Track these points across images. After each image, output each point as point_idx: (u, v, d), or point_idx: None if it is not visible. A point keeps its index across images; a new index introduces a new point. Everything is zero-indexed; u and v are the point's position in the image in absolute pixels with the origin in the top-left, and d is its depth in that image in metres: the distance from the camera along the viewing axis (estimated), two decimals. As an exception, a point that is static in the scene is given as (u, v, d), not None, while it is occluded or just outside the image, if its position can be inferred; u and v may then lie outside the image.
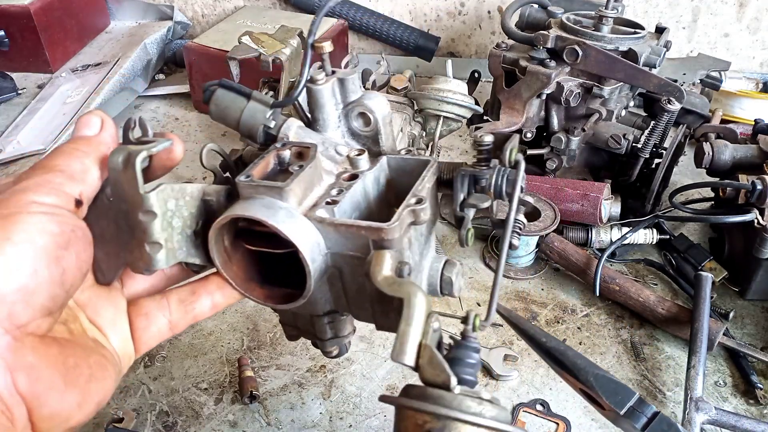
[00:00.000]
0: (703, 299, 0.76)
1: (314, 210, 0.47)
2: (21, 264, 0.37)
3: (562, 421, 0.69)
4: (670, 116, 0.91)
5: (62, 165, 0.42)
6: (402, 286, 0.44)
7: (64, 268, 0.40)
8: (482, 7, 1.42)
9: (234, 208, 0.45)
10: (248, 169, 0.47)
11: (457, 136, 1.22)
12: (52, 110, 1.17)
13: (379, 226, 0.44)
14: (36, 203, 0.39)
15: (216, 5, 1.52)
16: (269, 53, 0.89)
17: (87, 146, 0.44)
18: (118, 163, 0.42)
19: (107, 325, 0.46)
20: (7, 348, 0.36)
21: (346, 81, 0.53)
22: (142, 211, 0.43)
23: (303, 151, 0.49)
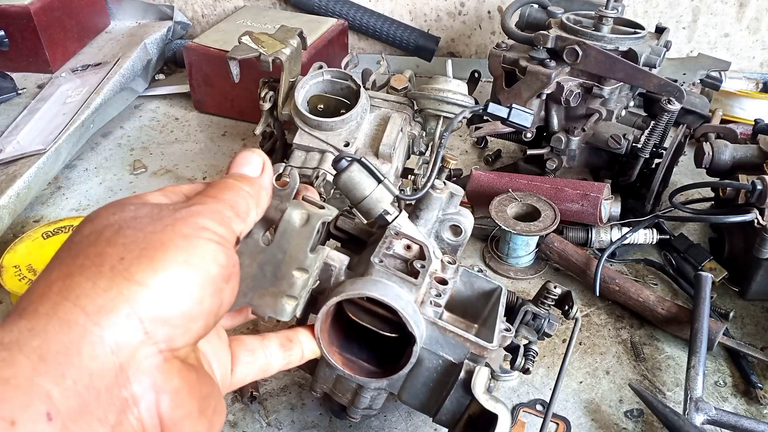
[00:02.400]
0: (703, 299, 0.76)
1: (423, 307, 0.53)
2: (192, 289, 0.37)
3: (562, 421, 0.69)
4: (670, 116, 0.91)
5: (231, 201, 0.42)
6: (497, 404, 0.51)
7: (222, 300, 0.40)
8: (482, 7, 1.42)
9: (369, 288, 0.50)
10: (377, 254, 0.53)
11: (457, 136, 1.22)
12: (52, 110, 1.17)
13: (485, 344, 0.52)
14: (209, 231, 0.39)
15: (216, 5, 1.52)
16: (269, 53, 0.89)
17: (251, 187, 0.44)
18: (296, 220, 0.45)
19: (213, 354, 0.47)
20: (157, 368, 0.36)
21: (455, 197, 0.63)
22: (299, 268, 0.46)
23: (411, 245, 0.55)
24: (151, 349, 0.35)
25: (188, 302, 0.36)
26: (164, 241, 0.36)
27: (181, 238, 0.37)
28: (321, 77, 0.92)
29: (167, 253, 0.36)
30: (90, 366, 0.32)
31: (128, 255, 0.35)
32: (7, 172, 0.99)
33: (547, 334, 0.63)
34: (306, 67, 0.96)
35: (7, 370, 0.30)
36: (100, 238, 0.37)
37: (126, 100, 1.29)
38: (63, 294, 0.34)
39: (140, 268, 0.35)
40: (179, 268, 0.36)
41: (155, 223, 0.38)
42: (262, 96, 0.92)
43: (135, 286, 0.34)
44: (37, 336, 0.32)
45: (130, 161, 1.15)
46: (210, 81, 1.26)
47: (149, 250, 0.36)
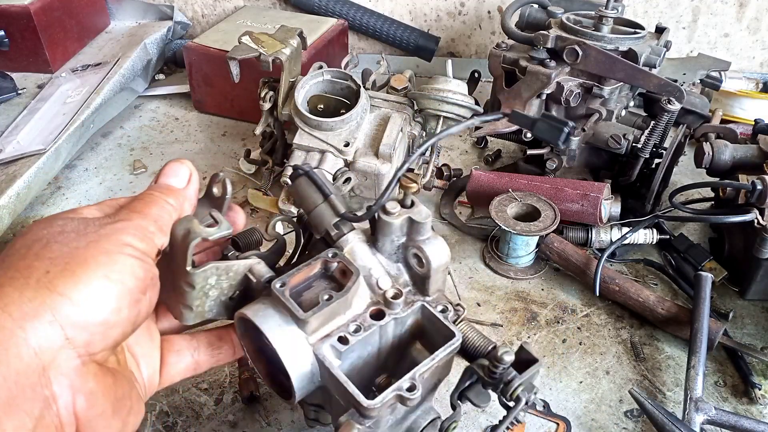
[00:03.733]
0: (703, 299, 0.76)
1: (325, 340, 0.49)
2: (110, 300, 0.41)
3: (562, 421, 0.69)
4: (670, 116, 0.91)
5: (155, 215, 0.46)
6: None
7: (139, 310, 0.44)
8: (482, 7, 1.42)
9: (250, 312, 0.49)
10: (287, 276, 0.49)
11: (457, 136, 1.22)
12: (52, 110, 1.17)
13: (362, 401, 0.45)
14: (131, 246, 0.43)
15: (216, 5, 1.52)
16: (269, 53, 0.89)
17: (175, 200, 0.49)
18: (178, 236, 0.46)
19: (142, 355, 0.51)
20: (75, 371, 0.40)
21: (417, 225, 0.52)
22: (183, 282, 0.48)
23: (347, 271, 0.50)
24: (70, 353, 0.39)
25: (106, 311, 0.41)
26: (87, 257, 0.41)
27: (103, 254, 0.41)
28: (321, 77, 0.92)
29: (88, 268, 0.40)
30: (16, 365, 0.37)
31: (53, 269, 0.40)
32: (7, 172, 0.99)
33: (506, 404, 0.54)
34: (306, 67, 0.96)
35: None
36: (29, 251, 0.41)
37: (126, 100, 1.29)
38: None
39: (63, 281, 0.39)
40: (99, 281, 0.40)
41: (80, 238, 0.42)
42: (262, 96, 0.92)
43: (57, 296, 0.39)
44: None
45: (130, 161, 1.15)
46: (210, 81, 1.26)
47: (72, 265, 0.40)
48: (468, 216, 1.01)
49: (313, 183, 0.54)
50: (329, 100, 0.92)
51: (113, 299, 0.41)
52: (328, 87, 0.92)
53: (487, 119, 0.57)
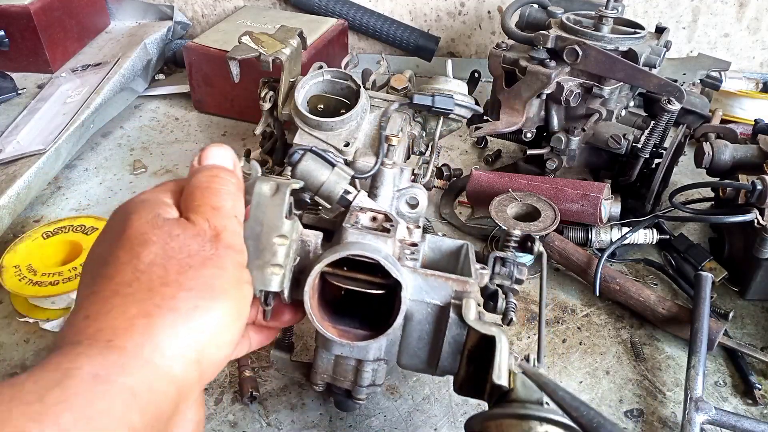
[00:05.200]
0: (703, 299, 0.76)
1: (401, 262, 0.55)
2: (236, 334, 0.42)
3: (562, 421, 0.69)
4: (670, 116, 0.91)
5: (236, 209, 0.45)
6: (491, 327, 0.51)
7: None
8: (482, 7, 1.42)
9: (349, 248, 0.51)
10: (348, 220, 0.55)
11: (457, 136, 1.22)
12: (52, 110, 1.17)
13: (465, 279, 0.54)
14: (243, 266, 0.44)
15: (216, 5, 1.52)
16: (269, 53, 0.89)
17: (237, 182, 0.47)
18: (268, 190, 0.48)
19: None
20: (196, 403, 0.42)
21: (405, 171, 0.72)
22: (278, 235, 0.48)
23: (377, 216, 0.57)
24: (198, 387, 0.40)
25: (231, 346, 0.42)
26: (226, 290, 0.41)
27: (234, 287, 0.42)
28: (321, 77, 0.92)
29: (229, 303, 0.41)
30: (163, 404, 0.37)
31: (201, 303, 0.39)
32: (7, 172, 0.99)
33: (519, 280, 0.63)
34: (306, 67, 0.96)
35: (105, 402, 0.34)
36: (168, 274, 0.40)
37: (126, 100, 1.29)
38: (146, 336, 0.37)
39: (209, 317, 0.39)
40: (233, 319, 0.41)
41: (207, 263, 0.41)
42: (262, 96, 0.92)
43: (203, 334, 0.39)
44: (126, 374, 0.35)
45: (130, 161, 1.15)
46: (210, 81, 1.26)
47: (216, 300, 0.40)
48: (468, 216, 1.01)
49: (319, 157, 0.59)
50: (329, 100, 0.92)
51: (238, 332, 0.42)
52: (328, 87, 0.92)
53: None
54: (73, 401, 0.33)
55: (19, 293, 0.78)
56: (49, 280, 0.79)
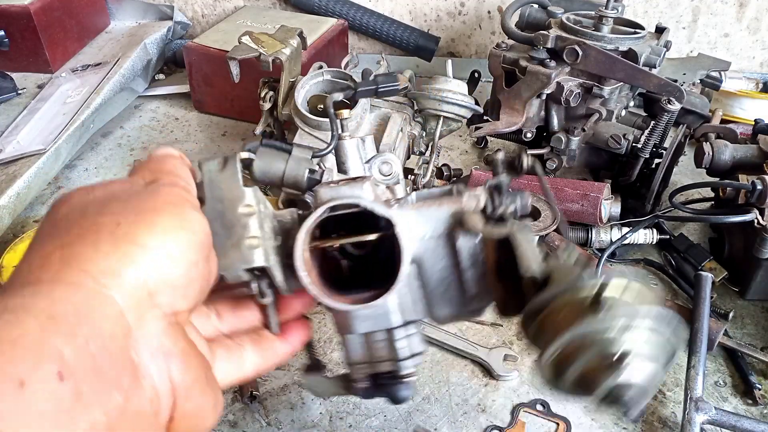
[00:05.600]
0: (703, 299, 0.76)
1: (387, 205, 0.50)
2: (189, 251, 0.37)
3: (562, 421, 0.69)
4: (670, 116, 0.91)
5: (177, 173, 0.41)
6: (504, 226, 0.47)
7: (210, 268, 0.40)
8: (482, 7, 1.42)
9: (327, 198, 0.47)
10: (325, 184, 0.50)
11: (457, 136, 1.21)
12: (52, 110, 1.17)
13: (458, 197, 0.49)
14: (189, 202, 0.39)
15: (216, 5, 1.52)
16: (269, 53, 0.89)
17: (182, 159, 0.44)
18: (216, 165, 0.45)
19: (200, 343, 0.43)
20: (163, 332, 0.35)
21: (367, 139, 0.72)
22: (242, 205, 0.44)
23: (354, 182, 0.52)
24: (156, 312, 0.35)
25: (186, 265, 0.36)
26: (156, 207, 0.36)
27: (170, 205, 0.37)
28: (321, 77, 0.92)
29: (163, 217, 0.36)
30: (102, 326, 0.31)
31: (124, 220, 0.35)
32: (7, 172, 0.99)
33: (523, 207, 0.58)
34: (306, 67, 0.96)
35: (14, 330, 0.29)
36: (86, 211, 0.36)
37: (126, 100, 1.29)
38: (64, 261, 0.33)
39: (140, 231, 0.34)
40: (176, 231, 0.36)
41: (138, 194, 0.37)
42: (262, 96, 0.92)
43: (137, 248, 0.34)
44: (44, 298, 0.31)
45: (130, 161, 1.15)
46: (210, 81, 1.26)
47: (144, 214, 0.35)
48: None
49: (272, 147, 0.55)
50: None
51: (191, 251, 0.37)
52: (328, 87, 0.92)
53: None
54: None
55: (19, 293, 0.78)
56: (49, 280, 0.79)
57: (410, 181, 0.96)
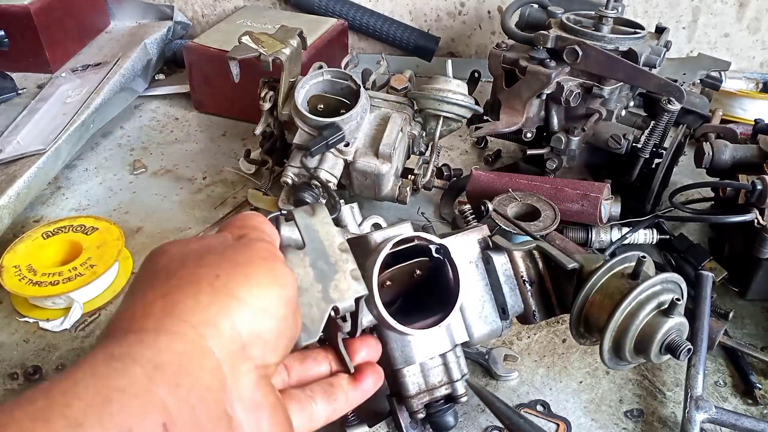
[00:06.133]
0: (704, 298, 0.76)
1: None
2: (281, 306, 0.38)
3: (562, 421, 0.69)
4: (670, 116, 0.91)
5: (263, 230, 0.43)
6: (526, 242, 0.62)
7: (297, 322, 0.41)
8: (482, 7, 1.42)
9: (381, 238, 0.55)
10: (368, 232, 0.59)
11: (457, 136, 1.21)
12: (52, 110, 1.17)
13: (479, 226, 0.64)
14: (278, 257, 0.40)
15: (216, 5, 1.52)
16: (269, 53, 0.89)
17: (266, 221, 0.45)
18: (308, 211, 0.50)
19: None
20: (255, 384, 0.36)
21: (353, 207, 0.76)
22: (339, 242, 0.49)
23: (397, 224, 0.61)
24: (248, 365, 0.36)
25: (277, 319, 0.38)
26: (250, 261, 0.38)
27: (263, 260, 0.38)
28: (321, 77, 0.92)
29: (258, 271, 0.37)
30: (201, 378, 0.32)
31: (223, 273, 0.36)
32: (7, 172, 0.99)
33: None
34: (306, 67, 0.96)
35: (122, 379, 0.29)
36: (186, 262, 0.37)
37: (126, 100, 1.29)
38: (166, 310, 0.34)
39: (238, 284, 0.36)
40: (269, 286, 0.37)
41: (231, 248, 0.39)
42: (262, 96, 0.92)
43: (235, 300, 0.35)
44: (149, 348, 0.32)
45: (130, 161, 1.15)
46: (210, 81, 1.26)
47: (241, 268, 0.37)
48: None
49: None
50: (329, 100, 0.92)
51: (282, 306, 0.38)
52: (328, 87, 0.92)
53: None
54: (82, 386, 0.28)
55: (19, 293, 0.78)
56: (49, 280, 0.79)
57: (410, 181, 0.96)
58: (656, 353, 0.53)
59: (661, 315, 0.53)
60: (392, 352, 0.57)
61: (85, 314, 0.81)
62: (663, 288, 0.55)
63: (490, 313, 0.61)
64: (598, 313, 0.56)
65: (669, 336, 0.53)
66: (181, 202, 1.05)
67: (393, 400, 0.61)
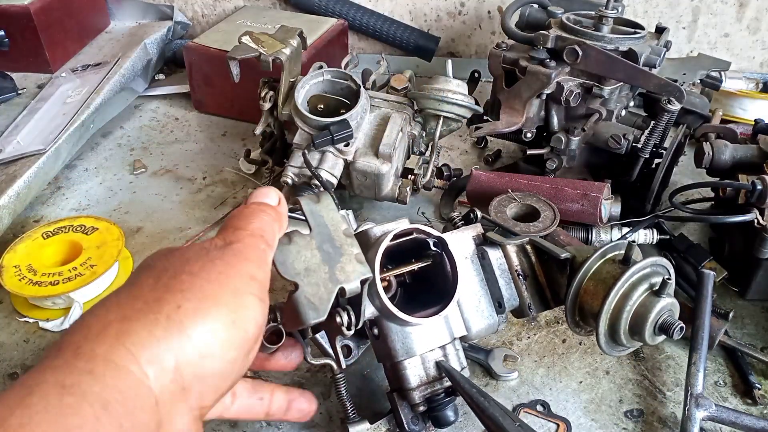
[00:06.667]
0: (705, 296, 0.76)
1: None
2: (232, 348, 0.38)
3: (562, 422, 0.69)
4: (670, 116, 0.91)
5: (261, 229, 0.44)
6: (517, 236, 0.65)
7: (247, 363, 0.41)
8: (482, 7, 1.42)
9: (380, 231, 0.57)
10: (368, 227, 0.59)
11: (457, 136, 1.22)
12: (52, 110, 1.17)
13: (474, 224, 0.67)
14: (255, 280, 0.40)
15: (216, 5, 1.52)
16: (269, 53, 0.89)
17: (273, 212, 0.47)
18: (314, 199, 0.52)
19: None
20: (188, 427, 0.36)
21: (349, 214, 0.75)
22: (344, 227, 0.51)
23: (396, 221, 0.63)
24: (184, 407, 0.36)
25: (224, 362, 0.37)
26: (217, 295, 0.37)
27: (231, 294, 0.38)
28: (321, 77, 0.92)
29: (219, 309, 0.37)
30: (141, 417, 0.33)
31: (186, 304, 0.36)
32: (7, 172, 0.99)
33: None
34: (306, 67, 0.96)
35: (74, 418, 0.31)
36: (158, 282, 0.38)
37: (126, 100, 1.29)
38: (119, 338, 0.34)
39: (194, 321, 0.36)
40: (225, 328, 0.37)
41: (207, 267, 0.39)
42: (262, 96, 0.92)
43: (186, 339, 0.35)
44: (97, 382, 0.32)
45: (130, 161, 1.15)
46: (210, 81, 1.26)
47: (204, 302, 0.37)
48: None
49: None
50: (329, 100, 0.92)
51: (234, 349, 0.38)
52: (328, 87, 0.92)
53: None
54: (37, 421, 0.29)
55: (19, 293, 0.78)
56: (49, 280, 0.79)
57: (410, 181, 0.96)
58: (650, 334, 0.55)
59: (653, 295, 0.55)
60: (393, 344, 0.58)
61: (85, 314, 0.81)
62: (653, 271, 0.57)
63: (486, 307, 0.62)
64: (592, 300, 0.57)
65: (662, 316, 0.55)
66: (181, 202, 1.05)
67: (394, 396, 0.61)
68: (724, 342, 0.76)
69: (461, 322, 0.61)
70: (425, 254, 0.60)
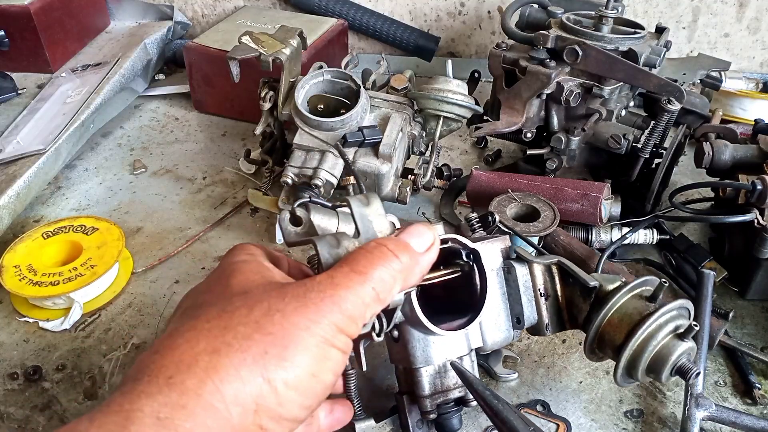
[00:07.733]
0: (705, 296, 0.76)
1: None
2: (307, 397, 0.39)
3: (562, 422, 0.69)
4: (670, 116, 0.91)
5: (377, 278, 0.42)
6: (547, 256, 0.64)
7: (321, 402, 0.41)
8: (482, 7, 1.42)
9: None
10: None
11: (457, 136, 1.22)
12: (52, 110, 1.17)
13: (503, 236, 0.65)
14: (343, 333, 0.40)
15: (216, 5, 1.52)
16: (269, 53, 0.89)
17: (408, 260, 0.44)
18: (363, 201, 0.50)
19: None
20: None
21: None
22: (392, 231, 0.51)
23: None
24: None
25: (300, 408, 0.38)
26: (306, 345, 0.38)
27: (318, 345, 0.38)
28: (321, 77, 0.92)
29: (304, 360, 0.38)
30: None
31: (272, 350, 0.37)
32: (7, 172, 0.99)
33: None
34: (306, 67, 0.96)
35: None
36: (250, 315, 0.38)
37: (126, 100, 1.29)
38: (209, 373, 0.35)
39: (277, 369, 0.37)
40: (307, 379, 0.38)
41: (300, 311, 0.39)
42: (262, 96, 0.92)
43: (266, 385, 0.36)
44: (189, 417, 0.34)
45: (130, 161, 1.15)
46: (210, 81, 1.26)
47: (290, 351, 0.37)
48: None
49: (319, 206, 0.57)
50: (329, 100, 0.92)
51: (312, 398, 0.39)
52: (328, 87, 0.92)
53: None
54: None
55: (19, 293, 0.79)
56: (49, 280, 0.79)
57: (410, 181, 0.96)
58: (667, 375, 0.57)
59: (676, 338, 0.57)
60: (413, 351, 0.58)
61: (85, 314, 0.81)
62: (679, 313, 0.58)
63: (505, 321, 0.62)
64: (614, 332, 0.57)
65: (681, 359, 0.56)
66: (181, 202, 1.05)
67: (403, 399, 0.61)
68: (724, 342, 0.76)
69: (479, 334, 0.61)
70: (454, 262, 0.59)
